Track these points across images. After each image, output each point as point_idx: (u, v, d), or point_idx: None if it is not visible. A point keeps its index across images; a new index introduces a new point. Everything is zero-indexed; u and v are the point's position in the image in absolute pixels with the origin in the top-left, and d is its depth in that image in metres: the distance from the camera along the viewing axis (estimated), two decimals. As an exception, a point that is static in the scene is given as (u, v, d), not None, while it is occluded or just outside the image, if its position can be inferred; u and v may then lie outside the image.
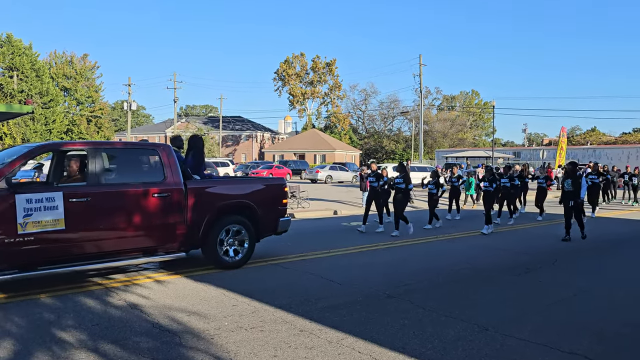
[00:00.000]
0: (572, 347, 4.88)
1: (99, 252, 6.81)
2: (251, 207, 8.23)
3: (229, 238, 8.06)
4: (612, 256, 9.88)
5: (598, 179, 17.33)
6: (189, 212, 7.49)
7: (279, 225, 8.69)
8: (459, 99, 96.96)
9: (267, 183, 9.03)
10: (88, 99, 63.39)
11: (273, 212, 8.60)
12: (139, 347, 4.75)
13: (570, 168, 11.83)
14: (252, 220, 8.25)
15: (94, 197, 6.71)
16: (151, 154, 7.64)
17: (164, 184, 7.32)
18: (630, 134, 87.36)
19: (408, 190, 12.20)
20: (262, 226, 8.42)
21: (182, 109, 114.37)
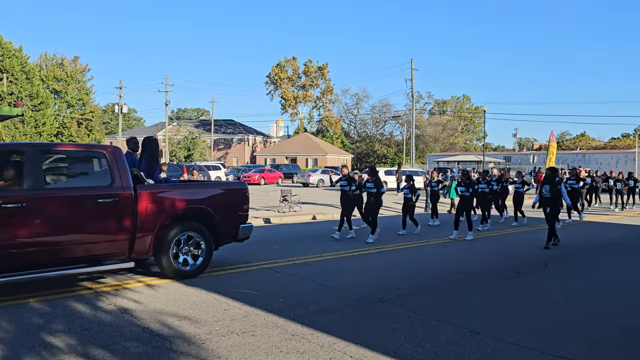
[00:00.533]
0: (562, 351, 4.91)
1: (37, 261, 6.33)
2: (208, 213, 7.84)
3: (184, 246, 7.62)
4: (601, 260, 9.96)
5: (577, 184, 17.08)
6: (140, 218, 7.07)
7: (239, 232, 8.31)
8: (450, 103, 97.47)
9: (227, 188, 8.71)
10: (79, 102, 63.03)
11: (233, 219, 8.22)
12: (129, 352, 4.72)
13: (550, 174, 11.62)
14: (209, 227, 7.87)
15: (31, 203, 6.23)
16: (98, 156, 7.12)
17: (111, 189, 6.89)
18: (619, 139, 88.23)
19: (380, 194, 11.87)
20: (221, 233, 8.05)
21: (174, 112, 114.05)
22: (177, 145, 69.82)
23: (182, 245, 7.62)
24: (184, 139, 70.32)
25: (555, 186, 11.22)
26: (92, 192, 6.80)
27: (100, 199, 6.79)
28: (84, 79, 65.25)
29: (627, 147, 70.38)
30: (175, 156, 67.57)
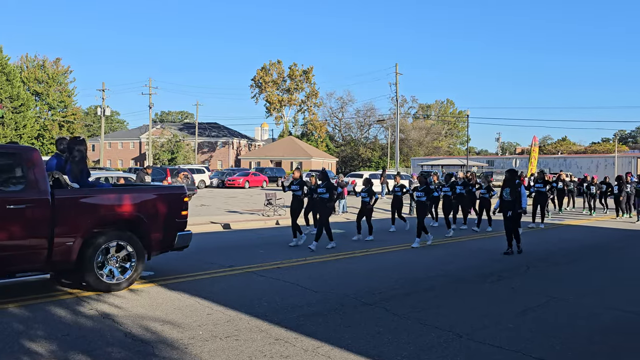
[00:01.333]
0: (543, 353, 4.97)
1: None
2: (140, 220, 7.28)
3: (112, 256, 7.06)
4: (581, 264, 10.10)
5: (544, 187, 16.38)
6: (58, 226, 6.49)
7: (176, 240, 7.78)
8: (435, 107, 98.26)
9: (162, 192, 7.95)
10: (60, 104, 62.29)
11: (169, 226, 7.65)
12: (111, 357, 4.67)
13: (509, 176, 11.08)
14: (141, 235, 7.32)
15: None
16: (10, 158, 6.50)
17: (23, 194, 6.30)
18: (599, 143, 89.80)
19: (332, 199, 11.27)
20: (155, 241, 7.50)
21: (158, 115, 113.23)
22: (160, 149, 69.27)
23: (109, 255, 7.03)
24: (168, 142, 69.83)
25: (515, 189, 10.78)
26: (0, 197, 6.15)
27: (11, 205, 6.17)
28: (66, 80, 64.57)
29: (607, 151, 71.59)
30: (158, 159, 67.01)
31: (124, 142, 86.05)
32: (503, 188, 11.00)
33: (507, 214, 10.79)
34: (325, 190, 11.16)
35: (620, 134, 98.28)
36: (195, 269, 8.60)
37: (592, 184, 21.70)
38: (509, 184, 10.94)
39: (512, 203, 10.72)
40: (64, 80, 64.15)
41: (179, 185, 8.85)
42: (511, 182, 10.91)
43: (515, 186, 10.79)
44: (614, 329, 5.89)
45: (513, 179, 10.96)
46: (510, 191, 10.79)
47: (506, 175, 11.22)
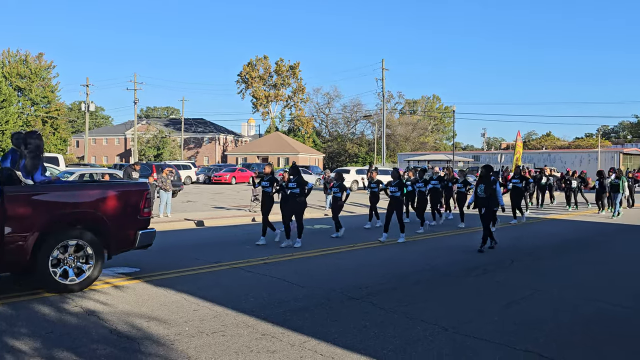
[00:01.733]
0: (527, 345, 5.03)
1: None
2: (98, 218, 6.97)
3: (68, 256, 6.73)
4: (564, 257, 10.23)
5: (521, 183, 16.38)
6: (9, 224, 6.19)
7: (138, 238, 7.45)
8: (421, 103, 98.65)
9: (123, 189, 7.60)
10: (43, 100, 61.36)
11: (130, 224, 7.36)
12: (96, 354, 4.64)
13: (484, 172, 10.74)
14: (100, 234, 7.01)
15: None
16: None
17: None
18: (582, 139, 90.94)
19: (303, 194, 10.69)
20: (115, 240, 7.19)
21: (143, 111, 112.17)
22: (146, 145, 68.71)
23: (65, 254, 6.72)
24: (154, 138, 69.28)
25: (490, 185, 10.49)
26: None
27: None
28: (49, 76, 63.56)
29: (591, 146, 72.54)
30: (144, 155, 66.47)
31: (109, 138, 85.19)
32: (478, 184, 10.77)
33: (481, 210, 10.62)
34: (296, 185, 10.71)
35: (603, 129, 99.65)
36: (181, 265, 8.56)
37: (574, 179, 21.90)
38: (484, 180, 10.67)
39: (486, 200, 10.49)
40: (47, 75, 63.16)
41: (141, 182, 8.40)
42: (486, 179, 10.61)
43: (490, 183, 10.52)
44: (595, 320, 5.98)
45: (488, 175, 10.65)
46: (485, 187, 10.53)
47: (481, 171, 10.87)
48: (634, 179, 23.13)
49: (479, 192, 10.61)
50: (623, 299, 6.93)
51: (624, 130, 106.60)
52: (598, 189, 19.78)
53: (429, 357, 4.70)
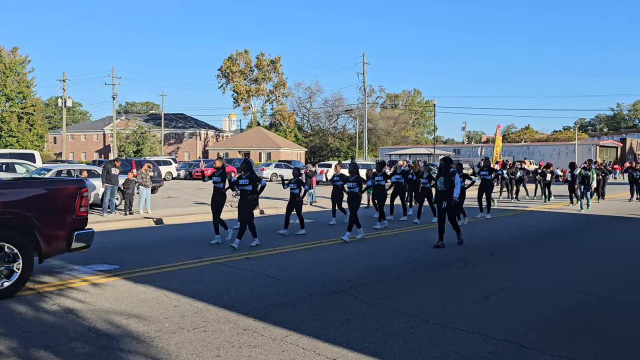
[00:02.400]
0: (507, 335, 5.09)
1: None
2: (26, 218, 6.44)
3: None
4: (543, 249, 10.37)
5: (489, 175, 15.50)
6: None
7: (73, 240, 6.91)
8: (402, 97, 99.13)
9: (54, 187, 7.02)
10: (19, 95, 60.08)
11: (63, 224, 6.84)
12: (74, 352, 4.56)
13: (443, 165, 10.26)
14: (28, 235, 6.50)
15: None
16: None
17: None
18: (560, 131, 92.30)
19: (255, 192, 10.06)
20: (46, 243, 6.65)
21: (122, 106, 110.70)
22: (125, 140, 67.82)
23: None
24: (133, 133, 68.39)
25: (449, 178, 10.06)
26: None
27: None
28: (24, 70, 62.26)
29: (568, 139, 73.72)
30: (124, 151, 65.60)
31: (87, 134, 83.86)
32: (437, 177, 10.32)
33: (442, 204, 10.11)
34: (248, 182, 10.05)
35: (580, 122, 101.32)
36: (161, 261, 8.47)
37: (548, 171, 22.02)
38: (443, 172, 10.21)
39: (446, 193, 10.03)
40: (21, 70, 61.83)
41: (78, 179, 7.95)
42: (445, 171, 10.18)
43: (449, 175, 10.10)
44: (574, 310, 6.08)
45: (447, 167, 10.21)
46: (444, 180, 10.08)
47: (440, 163, 10.38)
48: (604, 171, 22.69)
49: (438, 186, 10.18)
50: (599, 289, 7.06)
51: (601, 123, 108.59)
52: (570, 181, 19.61)
53: (410, 348, 4.73)
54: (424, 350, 4.70)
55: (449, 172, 10.13)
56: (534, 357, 4.57)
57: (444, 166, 10.23)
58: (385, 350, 4.70)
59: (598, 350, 4.76)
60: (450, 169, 10.21)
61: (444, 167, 10.22)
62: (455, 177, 10.09)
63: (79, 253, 8.86)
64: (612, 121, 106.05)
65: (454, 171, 10.22)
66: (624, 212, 17.66)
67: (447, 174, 10.12)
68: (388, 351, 4.67)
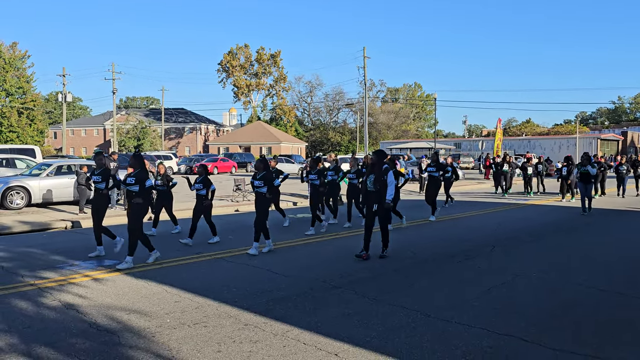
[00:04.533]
0: (508, 329, 5.08)
1: None
2: None
3: None
4: (544, 242, 10.35)
5: (437, 172, 13.83)
6: None
7: None
8: (403, 91, 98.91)
9: None
10: (18, 90, 59.88)
11: None
12: (75, 348, 4.56)
13: (375, 160, 8.49)
14: None
15: None
16: None
17: None
18: (561, 125, 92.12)
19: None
20: None
21: (122, 101, 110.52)
22: (126, 135, 67.73)
23: None
24: (133, 128, 68.27)
25: (380, 176, 8.32)
26: None
27: None
28: (24, 66, 62.01)
29: (569, 132, 73.54)
30: (124, 146, 65.54)
31: (88, 129, 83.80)
32: (367, 175, 8.54)
33: (372, 207, 8.40)
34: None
35: (581, 116, 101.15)
36: (162, 256, 8.45)
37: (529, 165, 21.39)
38: (374, 169, 8.44)
39: (377, 194, 8.32)
40: (21, 65, 61.57)
41: None
42: (377, 168, 8.40)
43: (381, 173, 8.33)
44: (575, 304, 6.06)
45: (380, 163, 8.42)
46: (374, 179, 8.36)
47: (372, 158, 8.65)
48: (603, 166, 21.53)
49: (368, 185, 8.45)
50: (600, 282, 7.04)
51: (602, 117, 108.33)
52: (564, 176, 18.68)
53: (411, 343, 4.72)
54: (425, 344, 4.69)
55: (382, 170, 8.35)
56: (536, 352, 4.56)
57: (376, 161, 8.44)
58: (386, 344, 4.69)
59: (599, 344, 4.75)
60: (384, 165, 8.43)
61: (376, 163, 8.43)
62: (389, 176, 8.32)
63: (79, 248, 8.88)
64: (613, 114, 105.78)
65: (387, 168, 8.42)
66: (623, 205, 17.63)
67: (379, 171, 8.35)
68: (389, 346, 4.66)
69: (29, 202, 15.07)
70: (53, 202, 15.65)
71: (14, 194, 14.82)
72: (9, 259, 8.26)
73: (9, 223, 12.44)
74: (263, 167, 9.06)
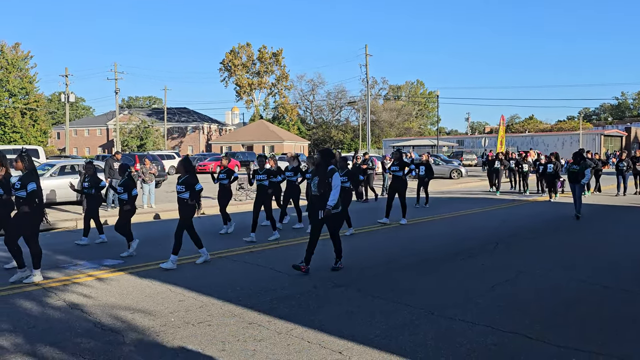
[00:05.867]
0: (513, 327, 5.07)
1: None
2: None
3: None
4: (547, 239, 10.32)
5: (401, 171, 12.39)
6: None
7: None
8: (405, 88, 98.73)
9: None
10: (22, 91, 60.06)
11: None
12: (80, 348, 4.57)
13: (319, 160, 7.46)
14: None
15: None
16: None
17: None
18: (564, 121, 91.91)
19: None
20: None
21: (125, 101, 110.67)
22: (129, 135, 67.86)
23: None
24: (136, 128, 68.40)
25: (325, 179, 7.29)
26: None
27: None
28: (27, 66, 62.19)
29: (572, 129, 73.36)
30: (127, 146, 65.67)
31: (91, 129, 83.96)
32: (312, 177, 7.60)
33: (317, 214, 7.35)
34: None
35: (584, 112, 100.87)
36: (166, 255, 8.44)
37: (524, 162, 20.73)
38: (318, 171, 7.43)
39: (321, 199, 7.28)
40: (24, 66, 61.74)
41: None
42: (322, 169, 7.36)
43: (325, 175, 7.30)
44: (579, 301, 6.05)
45: (325, 163, 7.38)
46: (318, 182, 7.33)
47: (315, 158, 7.63)
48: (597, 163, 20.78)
49: (312, 189, 7.49)
50: (604, 279, 7.02)
51: (605, 113, 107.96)
52: (551, 173, 17.57)
53: (415, 340, 4.72)
54: (429, 342, 4.69)
55: (326, 171, 7.33)
56: (540, 349, 4.55)
57: (320, 162, 7.40)
58: (390, 342, 4.69)
59: (603, 341, 4.74)
60: (329, 166, 7.38)
61: (321, 164, 7.39)
62: (334, 178, 7.27)
63: (83, 248, 8.90)
64: (616, 110, 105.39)
65: (333, 169, 7.36)
66: (627, 202, 17.57)
67: (323, 172, 7.33)
68: (393, 343, 4.66)
69: (33, 202, 15.08)
70: (57, 202, 15.69)
71: (17, 194, 14.84)
72: (14, 259, 8.28)
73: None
74: (184, 170, 8.02)
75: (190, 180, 7.93)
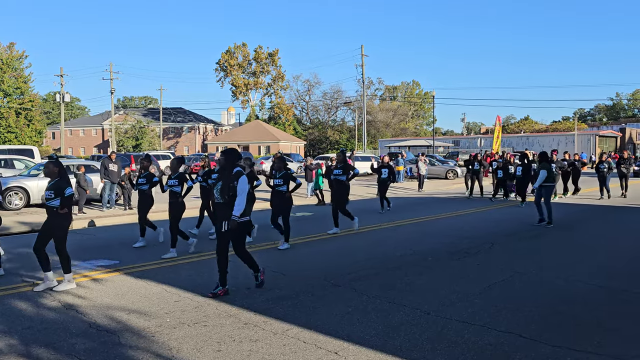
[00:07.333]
0: (508, 326, 5.08)
1: None
2: None
3: None
4: (543, 239, 10.36)
5: (344, 175, 11.16)
6: None
7: None
8: (401, 89, 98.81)
9: None
10: (16, 91, 59.76)
11: None
12: (75, 348, 4.55)
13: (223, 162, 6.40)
14: None
15: None
16: None
17: None
18: (560, 122, 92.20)
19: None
20: None
21: (120, 101, 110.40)
22: (124, 135, 67.67)
23: None
24: (132, 128, 68.21)
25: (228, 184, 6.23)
26: None
27: None
28: (22, 66, 61.86)
29: (567, 129, 73.58)
30: (122, 146, 65.49)
31: (86, 129, 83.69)
32: (215, 182, 6.49)
33: (222, 226, 6.25)
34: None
35: (579, 112, 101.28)
36: (159, 255, 8.45)
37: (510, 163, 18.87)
38: (223, 174, 6.41)
39: (226, 208, 6.24)
40: (19, 65, 61.40)
41: None
42: (227, 172, 6.34)
43: (230, 178, 6.26)
44: (575, 300, 6.07)
45: (230, 166, 6.34)
46: (221, 187, 6.29)
47: (219, 160, 6.47)
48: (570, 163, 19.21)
49: (215, 196, 6.40)
50: (599, 278, 7.05)
51: (600, 113, 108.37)
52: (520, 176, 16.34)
53: (411, 340, 4.72)
54: (425, 342, 4.69)
55: (232, 175, 6.29)
56: (535, 348, 4.56)
57: (225, 165, 6.36)
58: (386, 342, 4.69)
59: (599, 340, 4.75)
60: (235, 168, 6.35)
61: (226, 167, 6.36)
62: (240, 182, 6.21)
63: (78, 249, 8.87)
64: (611, 111, 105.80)
65: (239, 172, 6.34)
66: (621, 203, 17.64)
67: (227, 177, 6.30)
68: (389, 344, 4.66)
69: (28, 202, 15.05)
70: (52, 202, 15.60)
71: (12, 194, 14.80)
72: (9, 260, 8.24)
73: (8, 224, 12.41)
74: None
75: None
